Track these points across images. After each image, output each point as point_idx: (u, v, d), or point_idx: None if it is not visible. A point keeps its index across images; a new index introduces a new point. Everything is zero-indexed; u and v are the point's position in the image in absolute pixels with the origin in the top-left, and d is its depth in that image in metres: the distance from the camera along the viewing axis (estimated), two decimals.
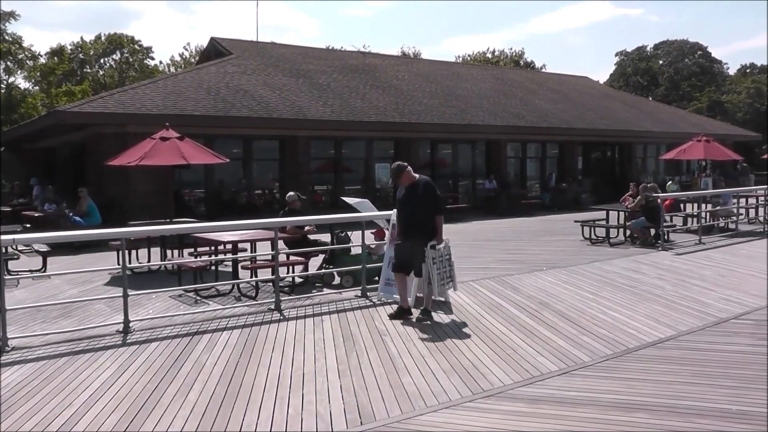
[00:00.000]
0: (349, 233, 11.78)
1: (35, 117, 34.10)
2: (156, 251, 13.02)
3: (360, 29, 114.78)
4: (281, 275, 9.87)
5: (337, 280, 11.34)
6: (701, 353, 7.87)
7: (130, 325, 8.29)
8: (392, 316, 8.99)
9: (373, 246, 11.21)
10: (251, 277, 10.72)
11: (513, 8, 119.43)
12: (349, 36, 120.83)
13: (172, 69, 56.93)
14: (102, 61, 56.80)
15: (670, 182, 29.61)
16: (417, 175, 9.21)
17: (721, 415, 5.86)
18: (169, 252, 13.06)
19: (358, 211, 11.14)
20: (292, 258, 11.13)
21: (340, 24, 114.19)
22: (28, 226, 16.17)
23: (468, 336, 8.26)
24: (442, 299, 9.44)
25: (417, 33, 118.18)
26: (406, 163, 9.32)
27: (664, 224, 15.14)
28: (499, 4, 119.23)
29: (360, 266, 10.43)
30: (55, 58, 50.13)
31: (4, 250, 8.65)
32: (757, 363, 7.35)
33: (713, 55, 77.10)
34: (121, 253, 8.96)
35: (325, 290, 10.73)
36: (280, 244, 10.26)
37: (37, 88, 48.12)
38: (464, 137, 27.27)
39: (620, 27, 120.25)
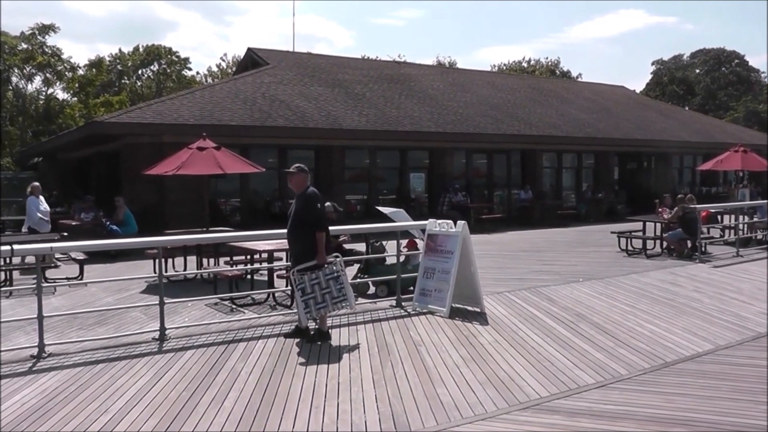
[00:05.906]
0: (384, 243, 11.78)
1: (73, 127, 34.57)
2: (192, 260, 13.13)
3: (393, 39, 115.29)
4: None
5: (372, 289, 11.34)
6: (740, 368, 7.74)
7: (166, 332, 8.37)
8: (287, 335, 8.47)
9: (406, 256, 11.19)
10: (286, 286, 10.74)
11: (548, 18, 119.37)
12: (382, 46, 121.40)
13: (209, 79, 57.47)
14: (140, 72, 57.50)
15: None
16: (309, 185, 8.47)
17: None
18: (204, 261, 13.16)
19: (393, 221, 11.13)
20: None
21: (374, 34, 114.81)
22: (66, 234, 16.39)
23: (504, 347, 8.20)
24: (312, 324, 8.52)
25: (451, 43, 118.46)
26: (302, 166, 8.53)
27: (701, 236, 14.93)
28: (533, 13, 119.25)
29: (395, 276, 10.42)
30: (94, 70, 50.88)
31: (41, 258, 8.77)
32: None
33: (750, 63, 76.27)
34: (157, 261, 9.05)
35: (360, 300, 10.63)
36: None
37: (75, 99, 48.79)
38: (499, 147, 27.11)
39: (655, 35, 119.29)
